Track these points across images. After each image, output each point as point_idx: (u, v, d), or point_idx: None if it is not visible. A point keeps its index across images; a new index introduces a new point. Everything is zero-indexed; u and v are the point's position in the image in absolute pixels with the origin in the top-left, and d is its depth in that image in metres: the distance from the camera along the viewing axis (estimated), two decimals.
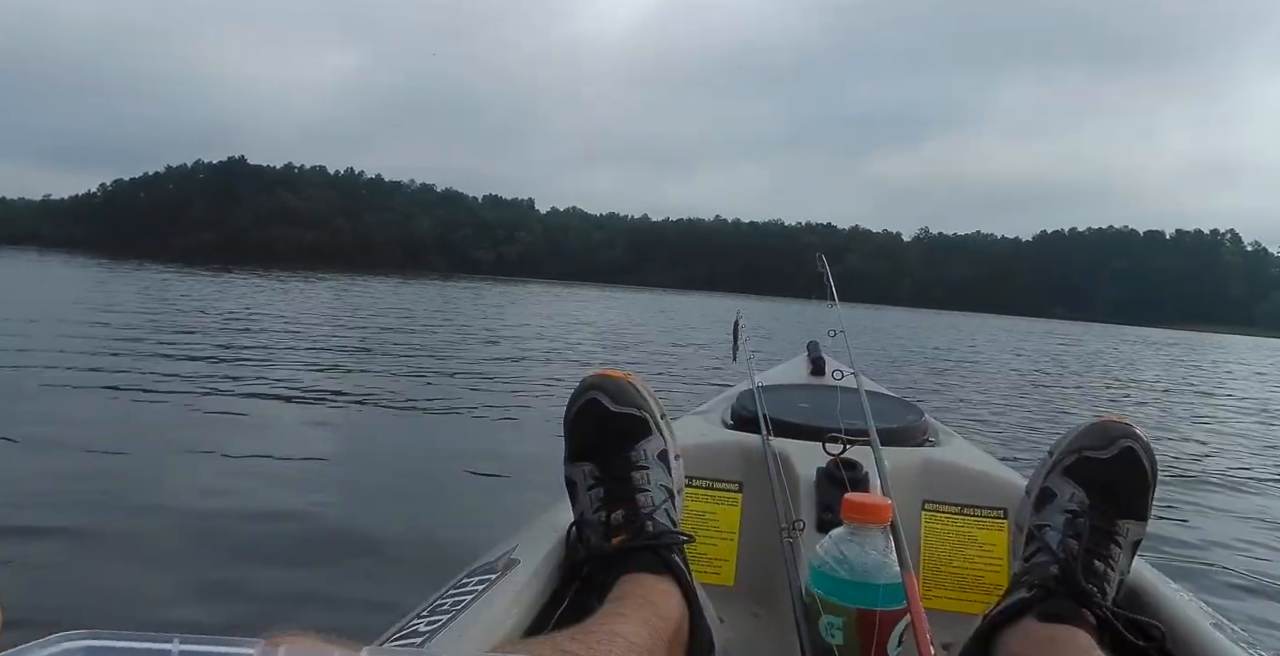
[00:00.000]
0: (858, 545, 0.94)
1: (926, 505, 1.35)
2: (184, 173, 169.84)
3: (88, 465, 3.39)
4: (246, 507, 2.95)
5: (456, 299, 24.28)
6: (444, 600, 0.93)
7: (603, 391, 1.11)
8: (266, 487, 3.24)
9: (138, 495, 3.05)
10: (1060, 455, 1.09)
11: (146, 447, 3.75)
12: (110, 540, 2.58)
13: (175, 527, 2.73)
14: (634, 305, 32.34)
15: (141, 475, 3.32)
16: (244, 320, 11.05)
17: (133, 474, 3.32)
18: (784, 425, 1.48)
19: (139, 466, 3.45)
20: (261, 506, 2.98)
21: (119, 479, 3.23)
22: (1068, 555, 0.99)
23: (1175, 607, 1.03)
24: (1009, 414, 7.30)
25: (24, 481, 3.07)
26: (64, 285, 17.52)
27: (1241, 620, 2.15)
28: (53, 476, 3.17)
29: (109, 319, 9.54)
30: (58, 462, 3.38)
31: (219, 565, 2.44)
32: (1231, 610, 2.58)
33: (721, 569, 1.33)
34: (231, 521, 2.80)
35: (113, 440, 3.80)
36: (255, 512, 2.90)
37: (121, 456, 3.57)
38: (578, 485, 1.10)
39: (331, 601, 2.24)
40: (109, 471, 3.32)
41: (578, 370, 8.15)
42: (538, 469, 3.44)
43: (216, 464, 3.56)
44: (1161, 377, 14.12)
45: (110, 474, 3.29)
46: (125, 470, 3.37)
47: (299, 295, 19.62)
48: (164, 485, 3.21)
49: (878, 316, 43.89)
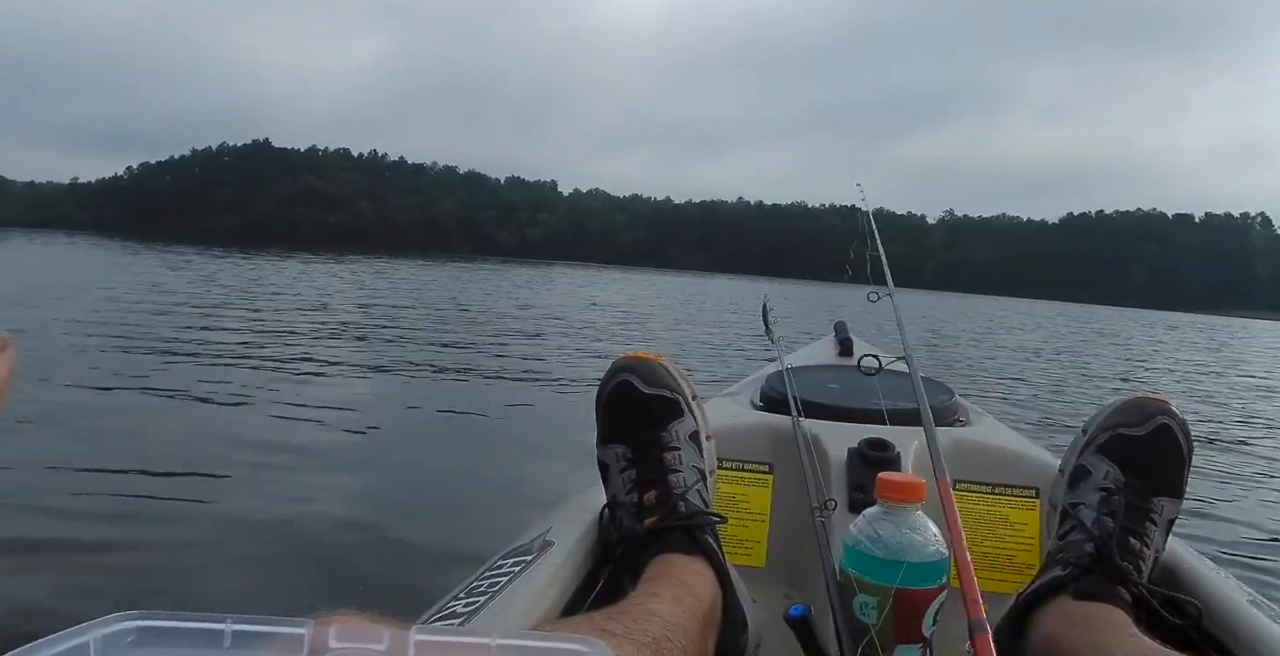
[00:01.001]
0: (892, 523, 0.93)
1: (958, 485, 1.34)
2: (209, 156, 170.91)
3: (110, 453, 3.42)
4: (279, 492, 2.98)
5: (481, 281, 24.35)
6: (480, 582, 0.94)
7: (634, 373, 1.11)
8: (294, 473, 3.26)
9: (173, 483, 3.09)
10: (1094, 432, 1.08)
11: (173, 428, 3.78)
12: (144, 528, 2.60)
13: (208, 513, 2.76)
14: (659, 287, 32.34)
15: (170, 459, 3.35)
16: (268, 300, 11.12)
17: (165, 459, 3.35)
18: (814, 406, 1.48)
19: (171, 451, 3.49)
20: (293, 491, 3.00)
21: (149, 463, 3.26)
22: (1103, 533, 0.99)
23: (1211, 585, 1.03)
24: (1039, 394, 7.25)
25: (48, 467, 3.10)
26: (90, 269, 17.70)
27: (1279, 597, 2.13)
28: (76, 462, 3.20)
29: (135, 300, 9.63)
30: (76, 447, 3.42)
31: (258, 550, 2.46)
32: (1269, 587, 2.56)
33: (753, 550, 1.32)
34: (266, 505, 2.82)
35: (139, 425, 3.84)
36: (287, 497, 2.92)
37: (156, 442, 3.61)
38: (610, 467, 1.10)
39: (369, 582, 2.25)
40: (137, 456, 3.35)
41: (608, 349, 8.17)
42: (570, 450, 3.45)
43: (248, 446, 3.59)
44: (1195, 361, 13.99)
45: (140, 458, 3.32)
46: (157, 456, 3.40)
47: (326, 276, 19.72)
48: (195, 468, 3.23)
49: (902, 299, 43.54)
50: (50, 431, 3.52)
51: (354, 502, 2.91)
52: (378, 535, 2.59)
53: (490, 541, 1.20)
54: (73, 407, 3.96)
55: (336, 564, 2.37)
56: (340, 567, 2.35)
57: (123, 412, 4.05)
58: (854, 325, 2.67)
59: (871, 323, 3.56)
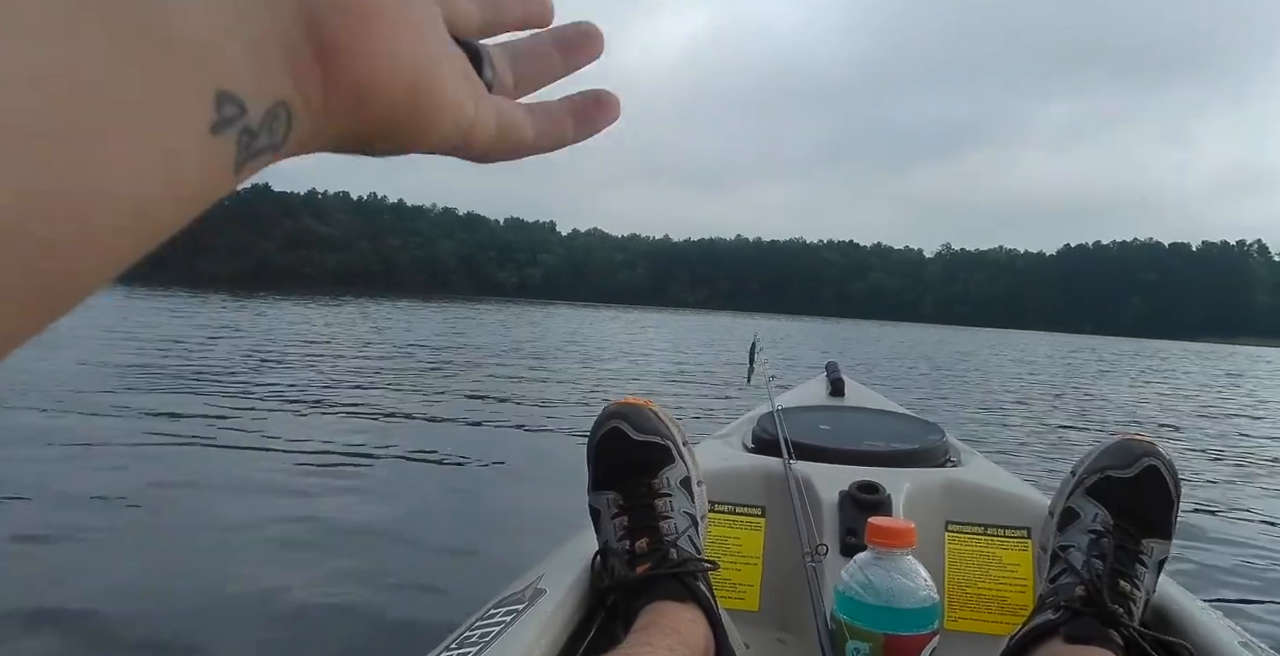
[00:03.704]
0: (883, 569, 0.94)
1: (950, 526, 1.34)
2: None
3: (110, 488, 3.42)
4: (268, 537, 2.97)
5: (481, 323, 24.38)
6: (472, 632, 0.94)
7: (624, 419, 1.12)
8: (281, 517, 3.25)
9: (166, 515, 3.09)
10: (1082, 475, 1.09)
11: (183, 467, 3.78)
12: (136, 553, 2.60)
13: (208, 548, 2.75)
14: (656, 326, 32.35)
15: (172, 496, 3.35)
16: (269, 345, 11.13)
17: (166, 497, 3.35)
18: (805, 448, 1.48)
19: (172, 492, 3.48)
20: (280, 536, 2.98)
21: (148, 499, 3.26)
22: (1093, 575, 0.99)
23: (1203, 626, 1.02)
24: (1032, 431, 7.23)
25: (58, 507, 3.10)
26: (91, 312, 17.73)
27: (1270, 640, 2.12)
28: (84, 502, 3.20)
29: (137, 347, 9.63)
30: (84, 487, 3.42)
31: (246, 602, 2.45)
32: (1260, 629, 2.54)
33: (746, 594, 1.32)
34: (256, 552, 2.81)
35: (144, 469, 3.84)
36: (276, 542, 2.92)
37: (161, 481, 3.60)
38: (601, 514, 1.10)
39: (356, 634, 2.24)
40: (137, 495, 3.35)
41: (601, 391, 8.16)
42: (561, 496, 3.43)
43: (247, 484, 3.58)
44: (1188, 391, 13.97)
45: (139, 496, 3.32)
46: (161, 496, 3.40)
47: (329, 319, 19.74)
48: (196, 508, 3.23)
49: (898, 334, 43.71)
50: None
51: (343, 548, 2.88)
52: (366, 583, 2.56)
53: (481, 587, 1.20)
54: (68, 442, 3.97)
55: (324, 611, 2.35)
56: (327, 615, 2.32)
57: (110, 456, 4.04)
58: (845, 364, 2.68)
59: (863, 362, 3.56)
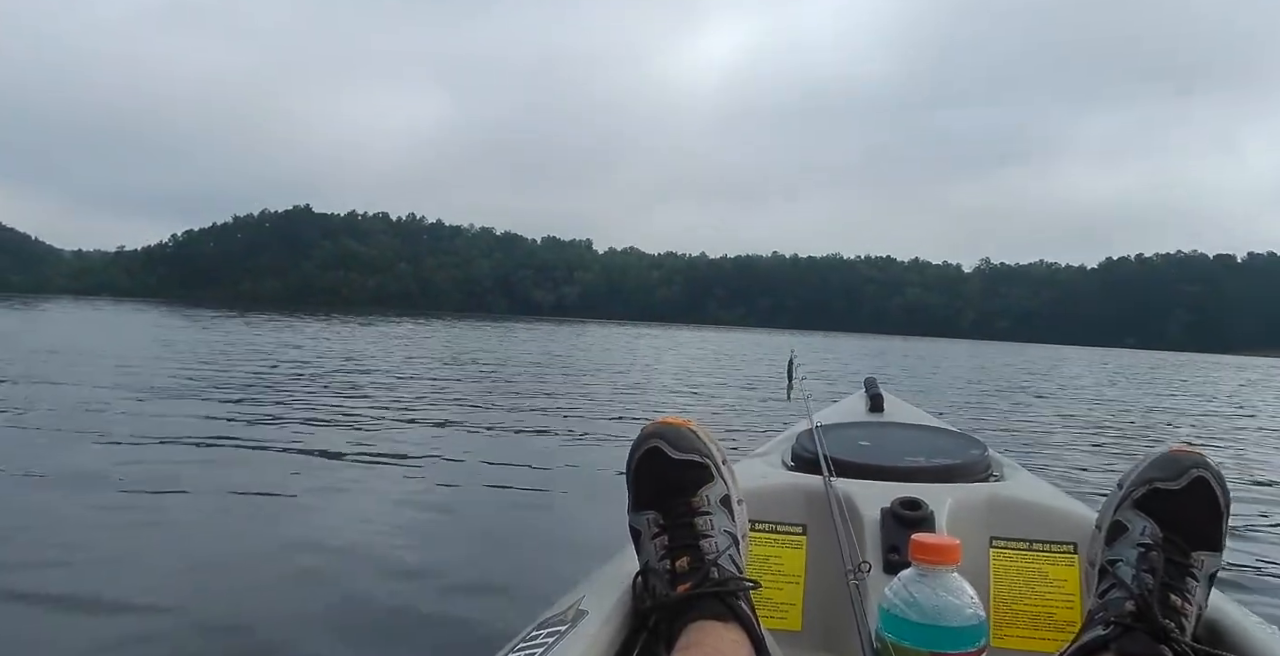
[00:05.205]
0: (928, 587, 0.92)
1: (995, 542, 1.32)
2: (250, 222, 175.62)
3: (150, 509, 3.47)
4: (319, 543, 3.00)
5: (517, 340, 24.50)
6: (515, 653, 0.94)
7: (663, 439, 1.11)
8: (333, 524, 3.27)
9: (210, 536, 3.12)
10: (1130, 487, 1.07)
11: (217, 487, 3.82)
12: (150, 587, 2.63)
13: (245, 568, 2.77)
14: (692, 342, 32.32)
15: (213, 517, 3.39)
16: (301, 362, 11.25)
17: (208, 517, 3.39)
18: (845, 465, 1.47)
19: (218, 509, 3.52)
20: (332, 544, 3.02)
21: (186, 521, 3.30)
22: (1143, 590, 0.97)
23: (1258, 641, 1.00)
24: (1075, 445, 7.12)
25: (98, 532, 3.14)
26: (134, 333, 18.02)
27: None
28: (119, 521, 3.25)
29: (174, 362, 9.78)
30: (120, 508, 3.46)
31: (294, 605, 2.46)
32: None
33: (788, 613, 1.31)
34: (306, 558, 2.83)
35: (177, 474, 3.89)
36: (327, 550, 2.94)
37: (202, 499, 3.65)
38: (642, 533, 1.09)
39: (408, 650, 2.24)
40: (175, 517, 3.40)
41: (639, 407, 8.16)
42: (602, 516, 3.43)
43: (285, 504, 3.63)
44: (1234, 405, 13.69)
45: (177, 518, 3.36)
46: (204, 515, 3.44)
47: (373, 338, 19.95)
48: (242, 526, 3.26)
49: (937, 349, 43.27)
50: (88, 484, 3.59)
51: (387, 566, 2.90)
52: (402, 604, 2.57)
53: (522, 609, 1.20)
54: (127, 460, 4.03)
55: (370, 630, 2.36)
56: (376, 635, 2.33)
57: (162, 467, 4.11)
58: (883, 379, 2.65)
59: (903, 377, 3.52)
